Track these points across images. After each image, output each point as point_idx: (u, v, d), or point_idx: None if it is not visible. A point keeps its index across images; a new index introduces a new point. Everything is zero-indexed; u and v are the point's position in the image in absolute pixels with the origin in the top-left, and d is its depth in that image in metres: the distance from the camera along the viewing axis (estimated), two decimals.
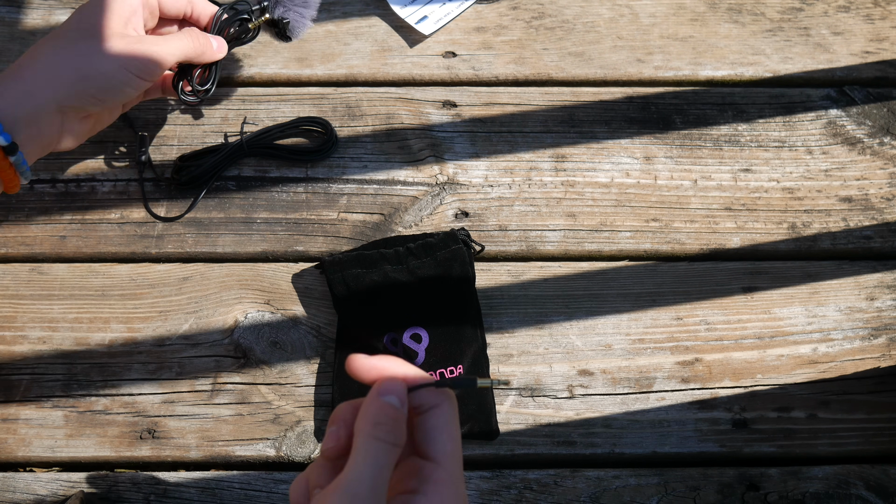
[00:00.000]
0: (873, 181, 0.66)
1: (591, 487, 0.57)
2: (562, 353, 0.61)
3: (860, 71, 0.70)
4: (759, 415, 0.59)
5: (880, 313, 0.62)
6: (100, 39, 0.52)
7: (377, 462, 0.35)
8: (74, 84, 0.52)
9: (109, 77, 0.52)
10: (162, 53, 0.54)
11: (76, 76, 0.52)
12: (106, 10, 0.53)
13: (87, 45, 0.52)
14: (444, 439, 0.37)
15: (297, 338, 0.61)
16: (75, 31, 0.53)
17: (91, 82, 0.52)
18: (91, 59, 0.52)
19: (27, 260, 0.63)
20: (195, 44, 0.57)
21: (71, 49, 0.52)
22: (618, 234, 0.64)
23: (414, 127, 0.67)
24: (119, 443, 0.58)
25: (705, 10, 0.72)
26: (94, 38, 0.52)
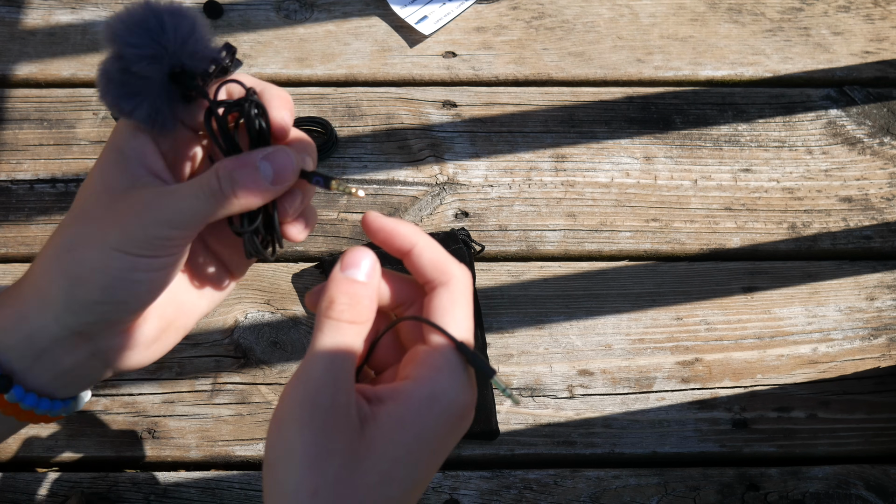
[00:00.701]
0: (873, 181, 0.66)
1: (591, 487, 0.57)
2: (562, 353, 0.61)
3: (860, 71, 0.70)
4: (759, 415, 0.59)
5: (880, 313, 0.62)
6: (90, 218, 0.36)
7: (333, 341, 0.33)
8: (67, 294, 0.36)
9: (104, 270, 0.35)
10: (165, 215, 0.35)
11: (64, 282, 0.36)
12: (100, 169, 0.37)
13: (73, 233, 0.36)
14: (446, 321, 0.34)
15: (297, 338, 0.61)
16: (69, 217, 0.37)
17: (85, 285, 0.35)
18: (75, 255, 0.35)
19: (27, 260, 0.63)
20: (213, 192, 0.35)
21: (57, 246, 0.36)
22: (618, 234, 0.64)
23: (414, 127, 0.67)
24: (119, 443, 0.58)
25: (705, 10, 0.72)
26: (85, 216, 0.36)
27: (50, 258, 0.36)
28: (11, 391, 0.36)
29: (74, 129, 0.66)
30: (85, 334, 0.37)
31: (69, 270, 0.35)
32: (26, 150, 0.65)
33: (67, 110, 0.66)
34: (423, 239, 0.35)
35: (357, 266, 0.34)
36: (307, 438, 0.31)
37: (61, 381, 0.38)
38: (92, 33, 0.69)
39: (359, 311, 0.34)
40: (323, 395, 0.32)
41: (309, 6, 0.71)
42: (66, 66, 0.68)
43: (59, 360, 0.37)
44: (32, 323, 0.36)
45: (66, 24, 0.70)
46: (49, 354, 0.37)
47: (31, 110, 0.66)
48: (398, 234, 0.35)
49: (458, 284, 0.35)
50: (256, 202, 0.35)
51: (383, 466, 0.32)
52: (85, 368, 0.38)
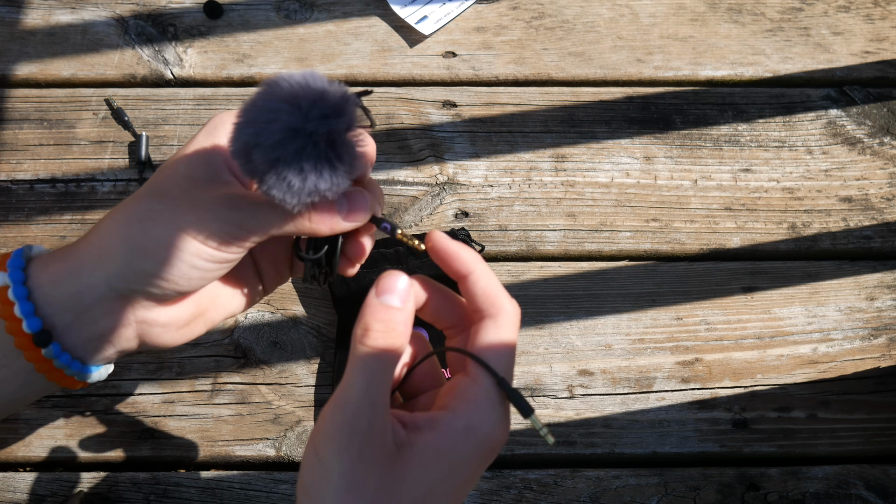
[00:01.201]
0: (873, 181, 0.66)
1: (591, 487, 0.57)
2: (562, 353, 0.61)
3: (860, 71, 0.70)
4: (759, 415, 0.59)
5: (880, 313, 0.62)
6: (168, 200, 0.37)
7: (367, 368, 0.33)
8: (126, 259, 0.37)
9: (171, 249, 0.37)
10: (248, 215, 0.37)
11: (126, 248, 0.37)
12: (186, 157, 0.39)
13: (146, 207, 0.38)
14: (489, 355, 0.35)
15: (297, 338, 0.61)
16: (146, 190, 0.39)
17: (145, 256, 0.37)
18: (145, 226, 0.37)
19: None
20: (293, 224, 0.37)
21: (132, 213, 0.38)
22: (618, 234, 0.64)
23: (414, 127, 0.67)
24: (119, 443, 0.58)
25: (705, 10, 0.72)
26: (162, 197, 0.38)
27: (117, 223, 0.38)
28: (50, 347, 0.37)
29: (74, 129, 0.66)
30: (128, 300, 0.38)
31: (135, 239, 0.37)
32: (26, 150, 0.65)
33: (67, 110, 0.67)
34: (480, 267, 0.36)
35: (392, 292, 0.35)
36: (345, 464, 0.32)
37: (94, 344, 0.39)
38: (92, 33, 0.69)
39: (393, 337, 0.34)
40: (361, 421, 0.32)
41: (309, 6, 0.71)
42: (66, 66, 0.68)
43: (97, 321, 0.38)
44: (82, 280, 0.37)
45: (66, 24, 0.70)
46: (89, 314, 0.38)
47: (31, 110, 0.66)
48: (458, 259, 0.36)
49: (507, 319, 0.36)
50: (325, 230, 0.37)
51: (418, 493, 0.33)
52: (117, 335, 0.39)
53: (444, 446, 0.33)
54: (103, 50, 0.69)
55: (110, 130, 0.66)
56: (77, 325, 0.38)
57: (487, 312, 0.36)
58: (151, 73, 0.68)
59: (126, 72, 0.68)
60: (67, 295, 0.38)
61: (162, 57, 0.68)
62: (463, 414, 0.34)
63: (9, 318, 0.37)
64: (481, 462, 0.34)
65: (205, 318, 0.42)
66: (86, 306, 0.38)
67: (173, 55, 0.69)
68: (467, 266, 0.36)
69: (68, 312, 0.38)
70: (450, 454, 0.33)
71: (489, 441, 0.34)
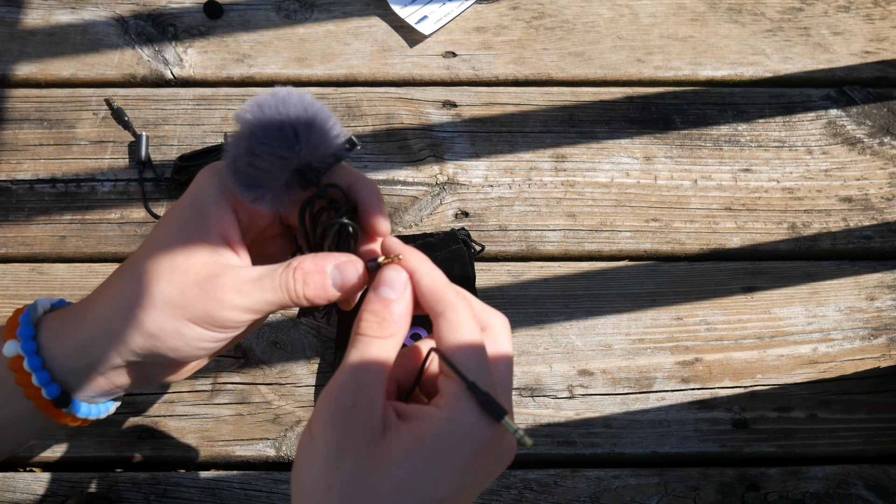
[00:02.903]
0: (873, 181, 0.66)
1: (591, 487, 0.57)
2: (562, 353, 0.61)
3: (860, 71, 0.70)
4: (759, 415, 0.59)
5: (880, 313, 0.62)
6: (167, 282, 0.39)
7: (359, 353, 0.35)
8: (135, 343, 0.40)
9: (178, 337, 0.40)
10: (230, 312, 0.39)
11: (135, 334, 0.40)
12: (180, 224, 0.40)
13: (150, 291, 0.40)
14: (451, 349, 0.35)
15: (296, 338, 0.61)
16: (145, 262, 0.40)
17: (155, 342, 0.40)
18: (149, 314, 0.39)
19: (27, 260, 0.63)
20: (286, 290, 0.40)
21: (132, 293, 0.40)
22: (618, 234, 0.64)
23: (414, 127, 0.67)
24: (119, 443, 0.58)
25: (705, 10, 0.72)
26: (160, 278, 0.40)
27: (122, 307, 0.40)
28: (70, 406, 0.41)
29: (74, 129, 0.66)
30: (136, 365, 0.41)
31: (143, 327, 0.39)
32: (26, 150, 0.65)
33: (67, 110, 0.67)
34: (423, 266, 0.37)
35: (387, 284, 0.37)
36: (328, 436, 0.34)
37: (107, 394, 0.43)
38: (92, 33, 0.69)
39: (384, 327, 0.36)
40: (346, 397, 0.34)
41: (309, 6, 0.71)
42: (66, 66, 0.68)
43: (110, 380, 0.42)
44: (94, 354, 0.40)
45: (66, 24, 0.70)
46: (105, 378, 0.41)
47: (31, 110, 0.66)
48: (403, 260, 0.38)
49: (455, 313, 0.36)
50: (321, 302, 0.40)
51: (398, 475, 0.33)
52: (128, 386, 0.43)
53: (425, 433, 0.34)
54: (103, 50, 0.69)
55: (110, 130, 0.66)
56: (92, 386, 0.41)
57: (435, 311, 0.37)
58: (151, 73, 0.68)
59: (126, 72, 0.68)
60: (83, 366, 0.41)
61: (162, 57, 0.68)
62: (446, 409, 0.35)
63: (27, 385, 0.40)
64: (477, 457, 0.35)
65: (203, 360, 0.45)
66: (99, 373, 0.41)
67: (173, 55, 0.69)
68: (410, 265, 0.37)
69: (84, 378, 0.41)
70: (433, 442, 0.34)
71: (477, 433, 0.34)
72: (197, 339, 0.40)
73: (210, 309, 0.39)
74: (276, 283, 0.40)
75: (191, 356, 0.41)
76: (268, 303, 0.40)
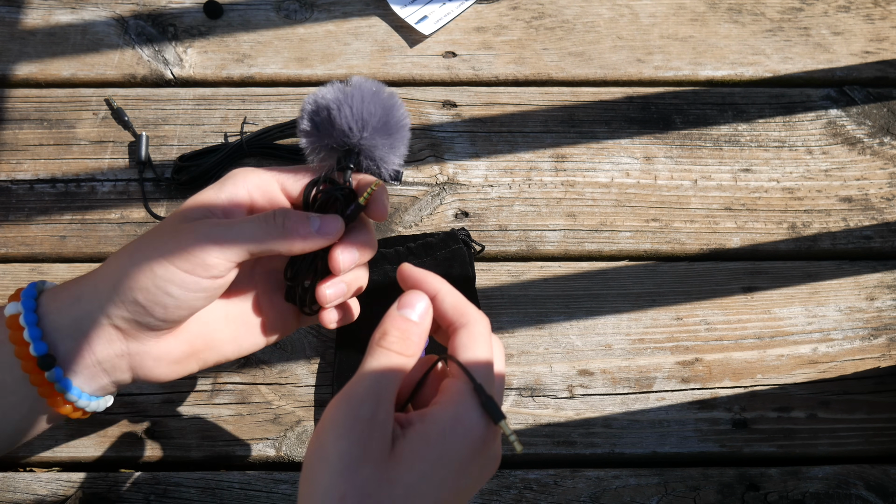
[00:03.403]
0: (873, 181, 0.66)
1: (591, 487, 0.57)
2: (562, 353, 0.61)
3: (860, 71, 0.70)
4: (759, 415, 0.59)
5: (880, 313, 0.62)
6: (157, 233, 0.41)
7: (380, 364, 0.37)
8: (115, 287, 0.40)
9: (148, 274, 0.40)
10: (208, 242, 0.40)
11: (117, 277, 0.40)
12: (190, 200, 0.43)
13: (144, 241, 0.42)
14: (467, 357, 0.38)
15: (297, 338, 0.61)
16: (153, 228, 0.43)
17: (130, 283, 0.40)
18: (134, 256, 0.41)
19: (27, 260, 0.63)
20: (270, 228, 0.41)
21: (130, 246, 0.42)
22: (618, 234, 0.64)
23: (414, 127, 0.67)
24: (119, 443, 0.58)
25: (705, 10, 0.72)
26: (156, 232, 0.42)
27: (116, 257, 0.42)
28: (52, 370, 0.40)
29: (74, 129, 0.66)
30: (123, 331, 0.41)
31: (122, 268, 0.40)
32: (26, 150, 0.65)
33: (67, 110, 0.67)
34: (445, 287, 0.40)
35: (411, 307, 0.39)
36: (343, 447, 0.34)
37: (91, 371, 0.42)
38: (92, 33, 0.69)
39: (407, 345, 0.38)
40: (365, 409, 0.35)
41: (309, 6, 0.71)
42: (66, 66, 0.68)
43: (94, 348, 0.41)
44: (83, 307, 0.41)
45: (66, 24, 0.70)
46: (87, 340, 0.41)
47: (31, 110, 0.66)
48: (425, 283, 0.40)
49: (477, 326, 0.39)
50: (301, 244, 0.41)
51: (410, 480, 0.35)
52: (112, 365, 0.42)
53: (431, 434, 0.36)
54: (103, 50, 0.69)
55: (110, 130, 0.66)
56: (76, 352, 0.41)
57: (459, 323, 0.39)
58: (151, 73, 0.68)
59: (126, 72, 0.68)
60: (70, 321, 0.41)
61: (162, 57, 0.68)
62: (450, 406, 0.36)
63: (18, 342, 0.40)
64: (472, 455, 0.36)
65: (198, 357, 0.45)
66: (84, 333, 0.41)
67: (173, 55, 0.69)
68: (434, 287, 0.40)
69: (70, 338, 0.41)
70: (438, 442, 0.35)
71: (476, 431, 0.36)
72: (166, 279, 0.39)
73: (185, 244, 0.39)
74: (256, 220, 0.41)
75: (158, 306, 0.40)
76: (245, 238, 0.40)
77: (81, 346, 0.41)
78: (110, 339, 0.41)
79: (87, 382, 0.42)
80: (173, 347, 0.43)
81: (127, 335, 0.41)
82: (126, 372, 0.43)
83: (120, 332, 0.41)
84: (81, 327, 0.41)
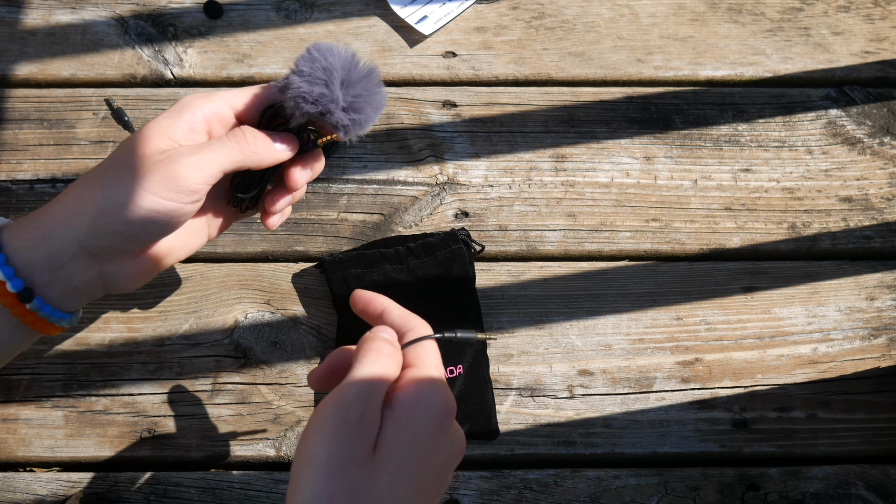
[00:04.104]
0: (873, 181, 0.66)
1: (591, 487, 0.57)
2: (562, 353, 0.61)
3: (860, 71, 0.70)
4: (759, 415, 0.59)
5: (880, 313, 0.62)
6: (126, 166, 0.44)
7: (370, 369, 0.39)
8: (93, 222, 0.43)
9: (132, 206, 0.43)
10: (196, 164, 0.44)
11: (93, 212, 0.43)
12: (148, 130, 0.45)
13: (111, 175, 0.44)
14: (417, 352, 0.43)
15: (297, 338, 0.61)
16: (109, 160, 0.45)
17: (110, 217, 0.43)
18: (109, 191, 0.43)
19: None
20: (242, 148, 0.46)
21: (95, 181, 0.44)
22: (618, 234, 0.64)
23: (414, 127, 0.67)
24: (119, 443, 0.58)
25: (705, 10, 0.72)
26: (122, 164, 0.44)
27: (83, 190, 0.44)
28: (34, 301, 0.44)
29: (74, 129, 0.66)
30: (97, 256, 0.45)
31: (99, 204, 0.43)
32: (26, 150, 0.65)
33: (67, 110, 0.67)
34: (390, 303, 0.46)
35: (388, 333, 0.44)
36: (332, 448, 0.36)
37: (69, 294, 0.46)
38: (92, 33, 0.69)
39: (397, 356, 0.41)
40: (352, 412, 0.37)
41: (309, 6, 0.71)
42: (66, 66, 0.68)
43: (71, 277, 0.45)
44: (56, 242, 0.44)
45: (66, 24, 0.70)
46: (64, 271, 0.44)
47: (31, 110, 0.66)
48: (374, 301, 0.46)
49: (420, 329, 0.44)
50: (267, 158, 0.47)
51: (392, 468, 0.37)
52: (89, 287, 0.46)
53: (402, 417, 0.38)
54: (103, 50, 0.69)
55: (110, 130, 0.66)
56: (54, 282, 0.44)
57: (405, 329, 0.44)
58: (151, 73, 0.68)
59: (126, 72, 0.68)
60: (44, 257, 0.44)
61: (162, 57, 0.68)
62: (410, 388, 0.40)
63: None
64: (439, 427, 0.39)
65: (160, 265, 0.49)
66: (60, 265, 0.44)
67: (173, 55, 0.69)
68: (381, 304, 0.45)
69: (45, 271, 0.44)
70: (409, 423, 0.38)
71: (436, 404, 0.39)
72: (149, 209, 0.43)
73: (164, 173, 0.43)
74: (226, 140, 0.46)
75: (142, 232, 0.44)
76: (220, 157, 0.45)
77: (59, 277, 0.44)
78: (87, 266, 0.45)
79: (65, 304, 0.46)
80: (143, 262, 0.47)
81: (102, 260, 0.45)
82: (100, 290, 0.47)
83: (96, 259, 0.45)
84: (57, 260, 0.44)
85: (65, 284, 0.45)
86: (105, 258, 0.45)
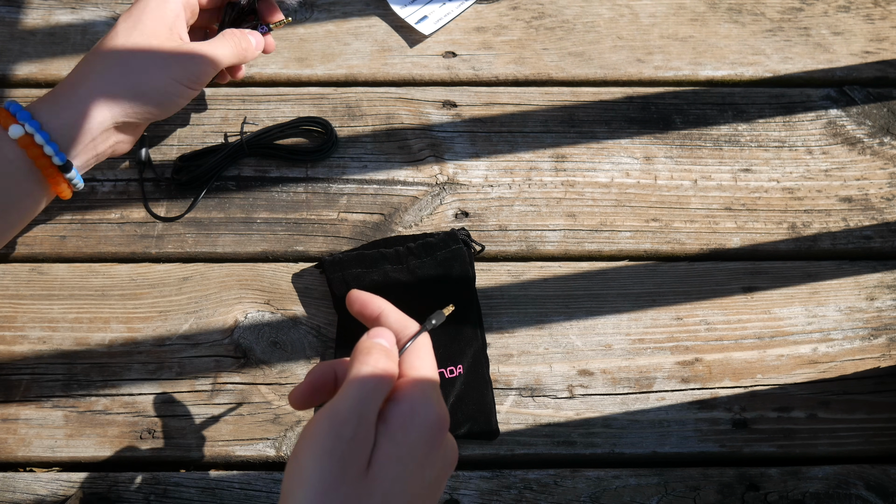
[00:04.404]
0: (873, 181, 0.66)
1: (591, 487, 0.57)
2: (562, 353, 0.61)
3: (860, 71, 0.70)
4: (759, 415, 0.59)
5: (880, 313, 0.62)
6: (150, 53, 0.54)
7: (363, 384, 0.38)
8: (131, 103, 0.53)
9: (164, 92, 0.54)
10: (211, 61, 0.56)
11: (132, 94, 0.53)
12: (151, 20, 0.55)
13: (138, 60, 0.54)
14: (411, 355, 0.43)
15: (297, 338, 0.61)
16: (124, 45, 0.54)
17: (146, 98, 0.54)
18: (144, 77, 0.54)
19: (27, 260, 0.63)
20: (238, 48, 0.59)
21: (124, 66, 0.53)
22: (618, 234, 0.64)
23: (414, 127, 0.67)
24: (119, 443, 0.58)
25: (705, 10, 0.72)
26: (145, 51, 0.54)
27: (119, 73, 0.53)
28: (72, 171, 0.53)
29: None
30: (120, 128, 0.55)
31: (135, 87, 0.54)
32: None
33: None
34: (388, 306, 0.45)
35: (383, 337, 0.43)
36: (325, 466, 0.35)
37: (90, 163, 0.55)
38: (92, 33, 0.69)
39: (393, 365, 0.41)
40: (347, 429, 0.36)
41: (309, 6, 0.71)
42: (66, 66, 0.68)
43: (98, 146, 0.54)
44: (94, 121, 0.53)
45: (66, 24, 0.70)
46: (94, 143, 0.54)
47: None
48: (371, 303, 0.45)
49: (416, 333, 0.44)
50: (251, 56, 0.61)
51: (385, 486, 0.36)
52: (104, 155, 0.56)
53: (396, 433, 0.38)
54: None
55: None
56: (82, 153, 0.54)
57: (402, 333, 0.44)
58: None
59: None
60: (81, 133, 0.52)
61: None
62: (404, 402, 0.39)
63: (38, 157, 0.51)
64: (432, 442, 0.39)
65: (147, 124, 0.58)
66: (92, 138, 0.53)
67: None
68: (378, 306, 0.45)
69: (80, 145, 0.53)
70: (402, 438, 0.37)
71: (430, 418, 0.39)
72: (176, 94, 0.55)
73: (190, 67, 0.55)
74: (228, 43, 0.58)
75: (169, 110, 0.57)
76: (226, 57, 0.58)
77: (88, 148, 0.53)
78: (108, 138, 0.54)
79: (82, 170, 0.55)
80: (139, 131, 0.58)
81: (121, 131, 0.55)
82: (109, 156, 0.57)
83: (117, 131, 0.55)
84: (90, 134, 0.53)
85: (91, 153, 0.54)
86: (124, 130, 0.55)
